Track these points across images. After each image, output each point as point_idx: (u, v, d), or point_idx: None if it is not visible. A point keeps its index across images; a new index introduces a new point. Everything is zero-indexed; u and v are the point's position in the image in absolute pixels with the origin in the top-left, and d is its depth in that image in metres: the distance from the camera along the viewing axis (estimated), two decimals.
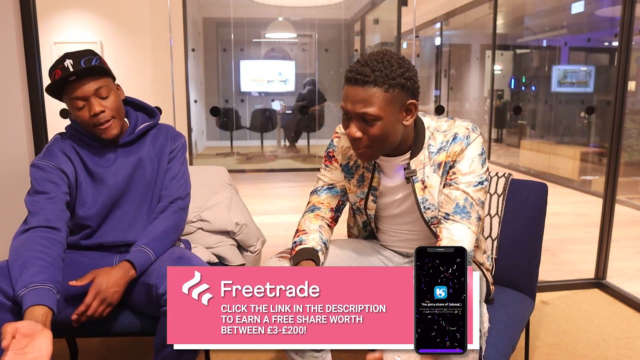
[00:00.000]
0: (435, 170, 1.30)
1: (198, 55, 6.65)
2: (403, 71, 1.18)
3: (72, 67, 1.39)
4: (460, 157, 1.28)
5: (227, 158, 6.75)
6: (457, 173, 1.28)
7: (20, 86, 1.92)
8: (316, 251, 1.30)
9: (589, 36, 6.76)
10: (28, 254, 1.30)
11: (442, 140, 1.30)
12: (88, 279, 1.35)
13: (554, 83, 6.67)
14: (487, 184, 1.29)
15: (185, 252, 1.48)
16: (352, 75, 1.18)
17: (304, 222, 1.40)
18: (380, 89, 1.16)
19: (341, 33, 7.22)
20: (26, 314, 1.16)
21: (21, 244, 1.34)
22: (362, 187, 1.40)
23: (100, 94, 1.44)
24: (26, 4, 1.90)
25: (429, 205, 1.32)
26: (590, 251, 2.75)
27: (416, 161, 1.31)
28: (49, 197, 1.43)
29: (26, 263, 1.27)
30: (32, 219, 1.39)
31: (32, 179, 1.46)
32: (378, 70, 1.16)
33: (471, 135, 1.28)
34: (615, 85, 2.48)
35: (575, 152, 5.87)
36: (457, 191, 1.27)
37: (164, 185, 1.58)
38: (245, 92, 6.82)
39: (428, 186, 1.31)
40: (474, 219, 1.25)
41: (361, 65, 1.18)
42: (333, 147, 1.44)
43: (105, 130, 1.46)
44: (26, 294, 1.20)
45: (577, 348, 2.01)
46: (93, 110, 1.42)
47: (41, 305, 1.18)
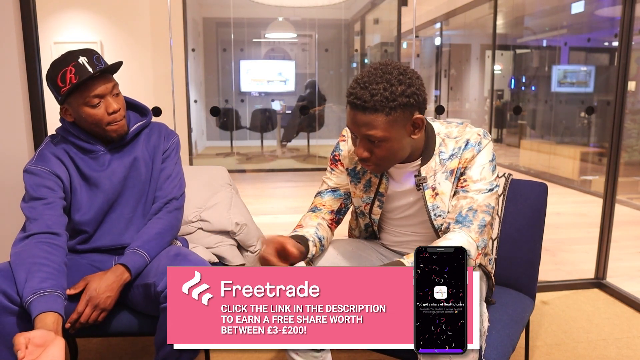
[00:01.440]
0: (447, 177, 1.29)
1: (198, 55, 6.65)
2: (404, 89, 1.14)
3: (88, 64, 1.37)
4: (471, 164, 1.27)
5: (227, 158, 6.75)
6: (468, 180, 1.27)
7: (20, 86, 1.92)
8: (306, 239, 1.29)
9: (589, 36, 6.76)
10: (32, 260, 1.28)
11: (453, 147, 1.29)
12: (81, 286, 1.35)
13: (554, 83, 6.67)
14: (497, 189, 1.29)
15: (182, 250, 1.47)
16: (351, 99, 1.16)
17: (303, 219, 1.41)
18: (381, 113, 1.14)
19: (341, 33, 7.22)
20: (37, 321, 1.16)
21: (23, 250, 1.32)
22: (369, 193, 1.39)
23: (114, 92, 1.45)
24: (26, 4, 1.90)
25: (440, 212, 1.31)
26: (590, 251, 2.75)
27: (427, 168, 1.30)
28: (46, 202, 1.40)
29: (31, 269, 1.26)
30: (32, 225, 1.37)
31: (27, 185, 1.42)
32: (377, 95, 1.13)
33: (482, 142, 1.28)
34: (615, 85, 2.48)
35: (575, 152, 5.86)
36: (464, 200, 1.26)
37: (158, 185, 1.56)
38: (245, 92, 6.81)
39: (439, 193, 1.30)
40: (474, 227, 1.24)
41: (360, 87, 1.15)
42: (339, 151, 1.43)
43: (118, 128, 1.46)
44: (35, 301, 1.19)
45: (577, 348, 2.01)
46: (112, 108, 1.42)
47: (52, 312, 1.17)
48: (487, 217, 1.25)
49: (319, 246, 1.35)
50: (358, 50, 7.45)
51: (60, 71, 1.37)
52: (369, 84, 1.14)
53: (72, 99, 1.41)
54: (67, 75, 1.36)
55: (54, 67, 1.39)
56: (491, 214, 1.27)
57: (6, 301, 1.23)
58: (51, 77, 1.40)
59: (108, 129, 1.45)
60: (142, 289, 1.39)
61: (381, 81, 1.14)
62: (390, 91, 1.13)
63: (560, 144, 6.45)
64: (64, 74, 1.37)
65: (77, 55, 1.38)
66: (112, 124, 1.44)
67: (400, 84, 1.14)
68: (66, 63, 1.37)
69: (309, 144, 6.93)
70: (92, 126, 1.44)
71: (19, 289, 1.24)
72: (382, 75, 1.15)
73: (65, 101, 1.43)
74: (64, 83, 1.37)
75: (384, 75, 1.14)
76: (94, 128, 1.45)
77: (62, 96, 1.40)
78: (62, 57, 1.40)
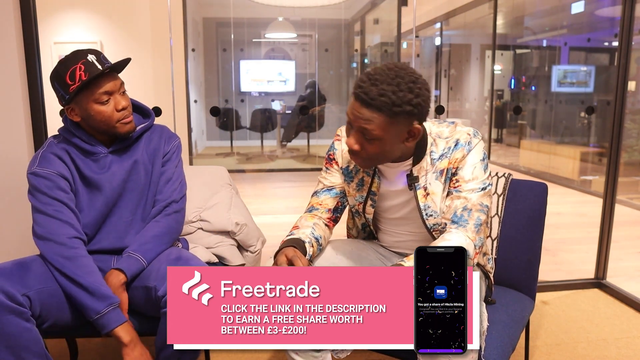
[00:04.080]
0: (437, 177, 1.29)
1: (198, 55, 6.65)
2: (412, 98, 1.14)
3: (97, 62, 1.38)
4: (462, 164, 1.27)
5: (227, 158, 6.75)
6: (460, 180, 1.27)
7: (20, 86, 1.92)
8: (302, 242, 1.29)
9: (589, 36, 6.76)
10: (91, 268, 1.38)
11: (444, 147, 1.29)
12: None
13: (554, 83, 6.67)
14: (490, 188, 1.29)
15: (183, 253, 1.47)
16: (359, 91, 1.16)
17: (300, 220, 1.41)
18: (383, 114, 1.14)
19: (341, 33, 7.22)
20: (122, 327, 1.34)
21: (76, 255, 1.38)
22: (361, 191, 1.40)
23: (122, 90, 1.46)
24: (26, 4, 1.90)
25: (431, 212, 1.31)
26: (590, 251, 2.75)
27: (418, 168, 1.30)
28: (65, 204, 1.43)
29: (94, 273, 1.37)
30: (63, 229, 1.40)
31: (42, 187, 1.42)
32: (385, 96, 1.13)
33: (472, 141, 1.28)
34: (615, 85, 2.48)
35: (575, 152, 5.86)
36: (458, 200, 1.26)
37: (158, 189, 1.56)
38: (245, 92, 6.81)
39: (430, 193, 1.30)
40: (471, 226, 1.24)
41: (370, 83, 1.15)
42: (334, 150, 1.43)
43: (127, 124, 1.46)
44: (113, 311, 1.33)
45: (577, 348, 2.01)
46: (120, 105, 1.43)
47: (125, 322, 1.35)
48: (483, 216, 1.26)
49: (317, 246, 1.35)
50: (358, 50, 7.45)
51: (69, 68, 1.37)
52: (380, 82, 1.14)
53: (81, 97, 1.41)
54: (76, 72, 1.37)
55: (62, 64, 1.39)
56: (486, 212, 1.27)
57: (7, 300, 1.23)
58: (59, 75, 1.39)
59: (118, 126, 1.45)
60: (143, 292, 1.39)
61: (392, 83, 1.13)
62: (398, 96, 1.13)
63: (560, 144, 6.45)
64: (74, 71, 1.37)
65: (86, 53, 1.39)
66: (121, 120, 1.45)
67: (409, 91, 1.14)
68: (75, 61, 1.38)
69: (308, 144, 6.93)
70: (101, 124, 1.44)
71: (93, 290, 1.33)
72: (394, 77, 1.14)
73: (73, 100, 1.42)
74: (73, 80, 1.37)
75: (395, 78, 1.14)
76: (102, 126, 1.44)
77: (71, 94, 1.39)
78: (70, 55, 1.40)
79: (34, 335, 1.26)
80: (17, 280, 1.28)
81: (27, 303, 1.27)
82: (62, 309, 1.36)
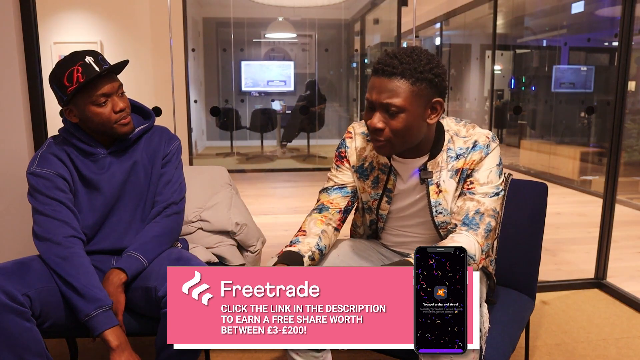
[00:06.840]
0: (452, 176, 1.29)
1: (198, 55, 6.65)
2: (432, 67, 1.17)
3: (95, 64, 1.38)
4: (478, 167, 1.27)
5: (227, 158, 6.75)
6: (475, 183, 1.27)
7: (20, 86, 1.92)
8: (301, 257, 1.27)
9: (589, 36, 6.76)
10: (85, 268, 1.37)
11: (461, 146, 1.29)
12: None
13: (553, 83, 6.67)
14: (502, 194, 1.29)
15: (183, 253, 1.47)
16: (379, 66, 1.18)
17: (309, 222, 1.38)
18: (407, 81, 1.16)
19: (341, 33, 7.22)
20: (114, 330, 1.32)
21: (71, 255, 1.38)
22: (377, 189, 1.39)
23: (120, 92, 1.45)
24: (26, 4, 1.90)
25: (441, 210, 1.31)
26: (590, 251, 2.75)
27: (433, 163, 1.30)
28: (64, 204, 1.43)
29: (88, 274, 1.36)
30: (61, 229, 1.40)
31: (40, 187, 1.42)
32: (406, 63, 1.16)
33: (491, 145, 1.28)
34: (615, 85, 2.48)
35: (575, 152, 5.86)
36: (471, 202, 1.26)
37: (157, 190, 1.55)
38: (245, 92, 6.81)
39: (443, 190, 1.30)
40: (481, 231, 1.24)
41: (389, 57, 1.18)
42: (345, 147, 1.41)
43: (125, 126, 1.46)
44: (102, 314, 1.31)
45: (577, 348, 2.01)
46: (118, 107, 1.43)
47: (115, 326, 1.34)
48: (493, 222, 1.26)
49: (319, 257, 1.33)
50: (358, 50, 7.45)
51: (67, 70, 1.37)
52: (399, 55, 1.18)
53: (79, 99, 1.41)
54: (74, 74, 1.36)
55: (60, 66, 1.39)
56: (496, 218, 1.27)
57: (8, 300, 1.23)
58: (57, 77, 1.39)
59: (116, 127, 1.45)
60: (143, 292, 1.39)
61: (411, 54, 1.17)
62: (419, 63, 1.16)
63: (560, 144, 6.44)
64: (71, 73, 1.37)
65: (84, 55, 1.39)
66: (119, 121, 1.45)
67: (428, 62, 1.18)
68: (73, 62, 1.37)
69: (309, 144, 6.93)
70: (99, 126, 1.44)
71: (85, 291, 1.32)
72: (412, 51, 1.19)
73: (70, 101, 1.42)
74: (71, 82, 1.37)
75: (414, 51, 1.19)
76: (100, 128, 1.44)
77: (68, 96, 1.39)
78: (68, 57, 1.39)
79: (34, 335, 1.26)
80: (17, 280, 1.29)
81: (28, 303, 1.27)
82: (61, 309, 1.36)
